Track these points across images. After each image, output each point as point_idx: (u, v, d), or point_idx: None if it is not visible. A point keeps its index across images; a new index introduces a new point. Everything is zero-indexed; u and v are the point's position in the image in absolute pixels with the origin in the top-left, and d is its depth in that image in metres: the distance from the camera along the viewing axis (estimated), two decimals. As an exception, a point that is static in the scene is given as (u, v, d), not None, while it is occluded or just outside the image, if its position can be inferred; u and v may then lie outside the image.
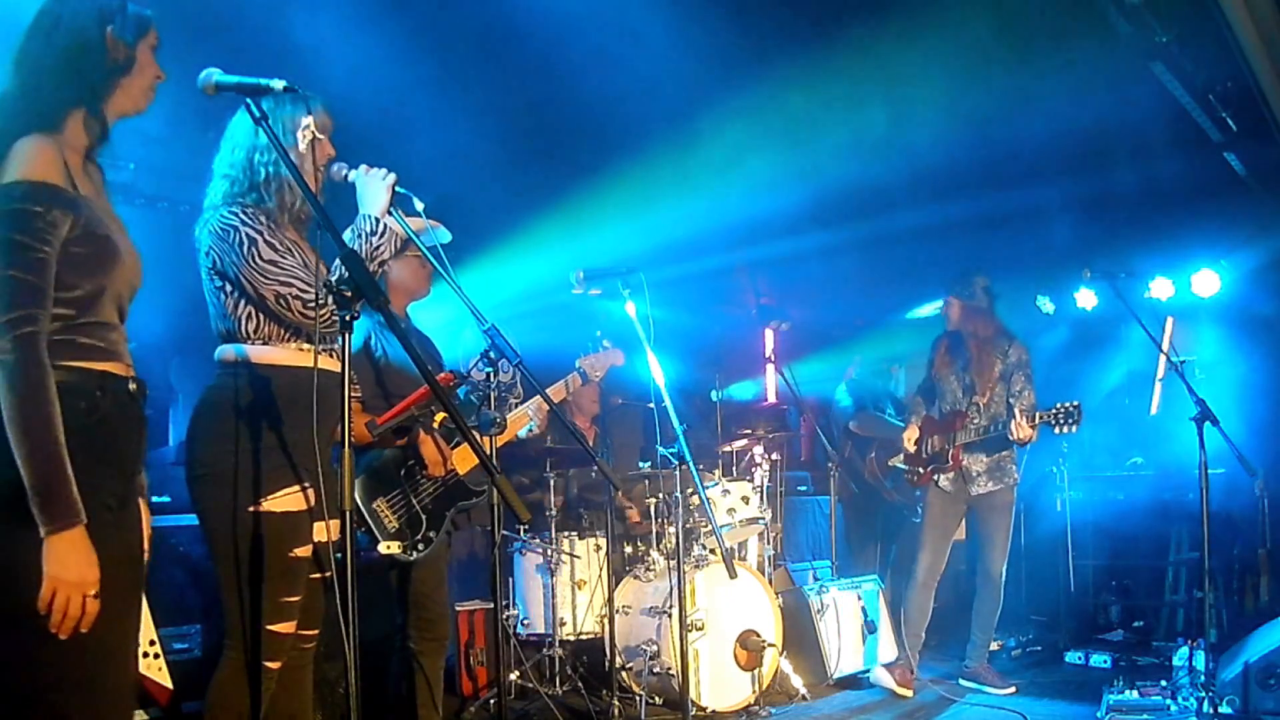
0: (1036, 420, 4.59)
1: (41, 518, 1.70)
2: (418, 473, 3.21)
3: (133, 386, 1.95)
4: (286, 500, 2.38)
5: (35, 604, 1.70)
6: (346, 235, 2.41)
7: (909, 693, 4.73)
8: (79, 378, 1.84)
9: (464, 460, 3.30)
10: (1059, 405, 4.57)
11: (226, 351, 2.44)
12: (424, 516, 3.18)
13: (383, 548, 3.05)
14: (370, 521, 3.08)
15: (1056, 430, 4.58)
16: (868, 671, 5.08)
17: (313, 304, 2.34)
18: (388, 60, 4.23)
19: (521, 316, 5.84)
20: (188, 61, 2.09)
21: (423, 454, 3.17)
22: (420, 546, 3.14)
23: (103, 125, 1.94)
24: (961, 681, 4.97)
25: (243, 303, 2.41)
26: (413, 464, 3.21)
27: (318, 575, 2.51)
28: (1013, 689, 4.85)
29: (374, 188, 2.47)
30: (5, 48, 1.92)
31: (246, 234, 2.37)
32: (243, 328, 2.41)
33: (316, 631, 2.57)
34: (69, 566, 1.71)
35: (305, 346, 2.46)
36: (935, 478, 4.94)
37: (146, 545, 2.16)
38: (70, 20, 1.91)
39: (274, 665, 2.40)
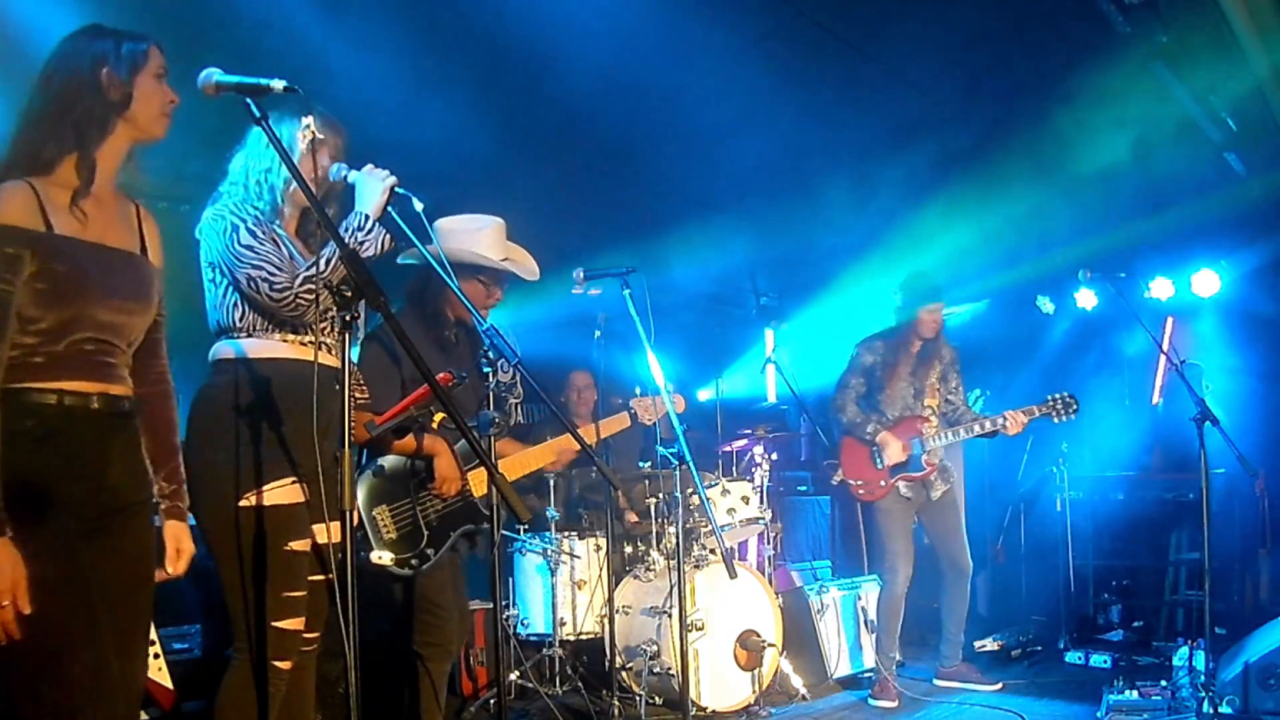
0: (1036, 413, 4.67)
1: None
2: (429, 485, 3.10)
3: (96, 403, 1.99)
4: (279, 493, 2.39)
5: None
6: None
7: (894, 704, 4.70)
8: (33, 396, 1.91)
9: (480, 483, 3.18)
10: (1053, 396, 4.68)
11: (219, 349, 2.48)
12: (426, 532, 3.08)
13: (374, 557, 2.94)
14: (367, 528, 3.01)
15: (1056, 419, 4.69)
16: (867, 672, 5.08)
17: (280, 287, 2.37)
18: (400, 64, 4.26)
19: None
20: (189, 62, 2.09)
21: (437, 468, 3.07)
22: (414, 562, 3.03)
23: (91, 166, 1.99)
24: (937, 682, 4.98)
25: (229, 291, 2.46)
26: (424, 475, 3.10)
27: (319, 577, 2.50)
28: (999, 685, 4.86)
29: (371, 186, 2.49)
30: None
31: (232, 221, 2.44)
32: (230, 317, 2.46)
33: (318, 633, 2.57)
34: None
35: (291, 338, 2.49)
36: (898, 486, 4.83)
37: (179, 563, 2.24)
38: (65, 68, 1.99)
39: (284, 665, 2.39)
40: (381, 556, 2.96)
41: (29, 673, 1.83)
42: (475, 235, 3.30)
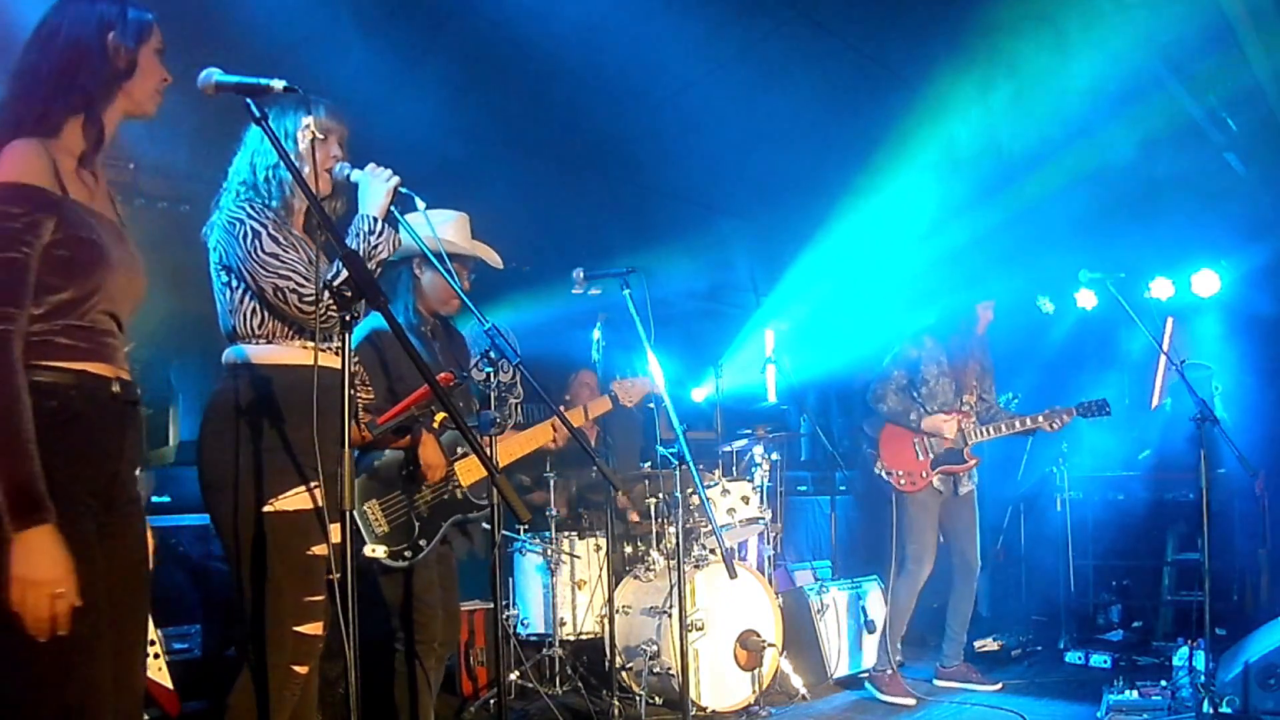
0: (1074, 413, 4.79)
1: (8, 515, 1.66)
2: (418, 477, 3.13)
3: (116, 388, 1.92)
4: (296, 500, 2.38)
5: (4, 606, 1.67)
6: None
7: (912, 701, 4.69)
8: (54, 377, 1.81)
9: (468, 472, 3.23)
10: (1087, 401, 4.82)
11: (230, 354, 2.45)
12: (417, 523, 3.11)
13: (367, 550, 2.93)
14: (359, 523, 3.03)
15: (1089, 419, 4.86)
16: (867, 672, 5.08)
17: (310, 299, 2.35)
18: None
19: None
20: (190, 61, 2.09)
21: (420, 456, 3.10)
22: (408, 554, 3.06)
23: (100, 131, 1.93)
24: (937, 682, 4.98)
25: (247, 297, 2.42)
26: (413, 468, 3.13)
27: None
28: (999, 685, 4.86)
29: (375, 188, 2.47)
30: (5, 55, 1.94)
31: (251, 226, 2.39)
32: (247, 323, 2.42)
33: (324, 634, 2.57)
34: (35, 566, 1.67)
35: (309, 345, 2.45)
36: (933, 480, 4.86)
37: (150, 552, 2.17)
38: (70, 29, 1.91)
39: (301, 670, 2.37)
40: (375, 550, 2.96)
41: (36, 674, 1.75)
42: (441, 228, 3.31)
